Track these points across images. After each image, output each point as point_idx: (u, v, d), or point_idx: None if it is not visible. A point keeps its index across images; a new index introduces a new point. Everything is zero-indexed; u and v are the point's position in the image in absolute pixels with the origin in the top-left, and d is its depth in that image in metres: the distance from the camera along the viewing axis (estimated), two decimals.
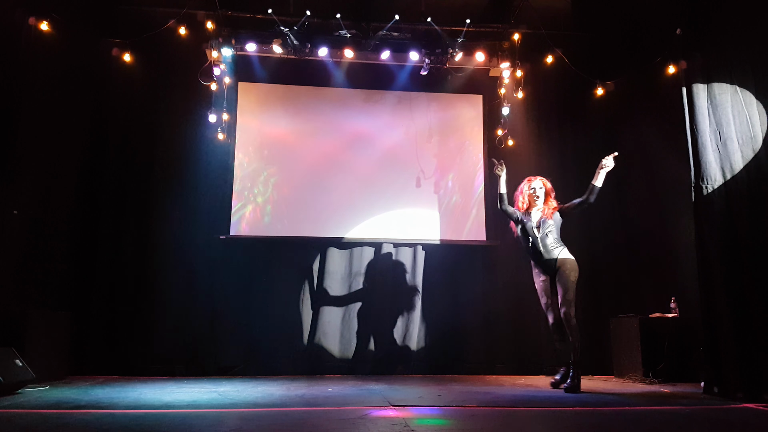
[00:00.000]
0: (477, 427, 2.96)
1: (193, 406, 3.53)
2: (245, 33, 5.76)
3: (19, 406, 3.45)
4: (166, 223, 5.68)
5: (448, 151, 6.31)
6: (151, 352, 5.44)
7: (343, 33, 5.72)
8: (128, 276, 5.56)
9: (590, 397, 4.16)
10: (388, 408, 3.51)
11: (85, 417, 3.14)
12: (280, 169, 6.04)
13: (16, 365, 4.09)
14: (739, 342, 3.99)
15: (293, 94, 6.22)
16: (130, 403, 3.63)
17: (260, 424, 2.95)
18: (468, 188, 6.25)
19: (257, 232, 5.89)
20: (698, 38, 4.56)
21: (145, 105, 5.83)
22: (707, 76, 4.43)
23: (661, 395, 4.20)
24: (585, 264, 6.05)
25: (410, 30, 5.87)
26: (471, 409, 3.54)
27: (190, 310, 5.59)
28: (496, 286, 6.01)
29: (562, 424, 3.04)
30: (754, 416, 3.38)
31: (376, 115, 6.26)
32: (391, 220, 6.06)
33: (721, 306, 4.12)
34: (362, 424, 2.99)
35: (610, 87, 6.21)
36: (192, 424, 2.97)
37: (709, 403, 3.81)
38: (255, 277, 5.78)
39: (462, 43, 5.83)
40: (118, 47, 5.68)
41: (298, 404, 3.68)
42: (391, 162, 6.18)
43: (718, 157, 4.30)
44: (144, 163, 5.76)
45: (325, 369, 5.64)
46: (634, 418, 3.26)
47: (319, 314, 5.79)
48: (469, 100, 6.44)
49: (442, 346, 5.85)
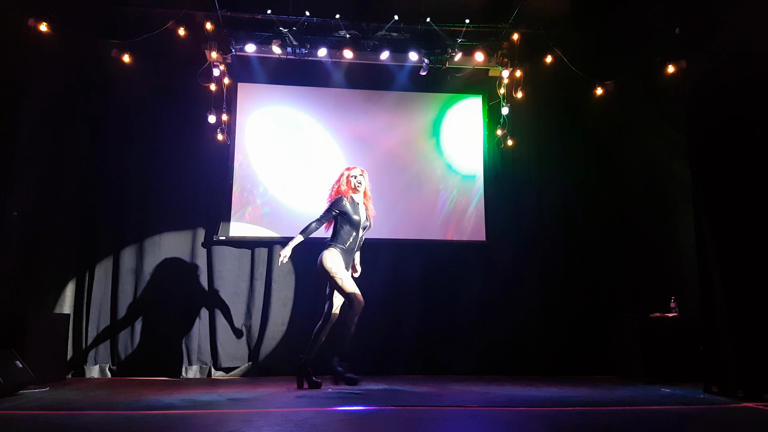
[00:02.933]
0: (477, 426, 2.96)
1: (193, 407, 3.53)
2: (244, 34, 5.75)
3: (19, 408, 3.45)
4: (165, 224, 5.68)
5: (447, 151, 6.30)
6: (151, 353, 5.43)
7: (342, 33, 5.72)
8: (128, 276, 5.56)
9: (590, 396, 4.16)
10: (388, 408, 3.51)
11: (86, 418, 3.14)
12: (280, 170, 6.04)
13: (16, 366, 4.09)
14: (739, 341, 3.99)
15: (292, 94, 6.21)
16: (130, 404, 3.63)
17: (261, 425, 2.94)
18: (468, 188, 6.25)
19: (257, 232, 5.89)
20: (698, 38, 4.56)
21: (145, 106, 5.83)
22: (706, 76, 4.43)
23: (661, 395, 4.20)
24: (585, 264, 6.10)
25: (409, 30, 5.87)
26: (471, 409, 3.55)
27: (191, 310, 5.59)
28: (496, 285, 6.01)
29: (562, 424, 3.04)
30: (754, 415, 3.38)
31: (375, 115, 6.26)
32: (391, 220, 6.05)
33: (720, 306, 4.12)
34: (363, 424, 2.99)
35: (610, 87, 6.21)
36: (192, 425, 2.98)
37: (709, 403, 3.81)
38: (255, 277, 5.77)
39: (461, 43, 5.83)
40: (117, 48, 5.67)
41: (298, 405, 3.68)
42: (390, 162, 6.18)
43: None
44: (143, 163, 5.75)
45: (325, 369, 5.62)
46: (634, 418, 3.26)
47: (318, 314, 5.78)
48: (469, 100, 6.44)
49: (443, 346, 5.85)
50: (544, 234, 6.11)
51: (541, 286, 5.99)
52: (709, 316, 4.25)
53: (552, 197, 6.17)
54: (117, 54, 5.68)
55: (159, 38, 5.65)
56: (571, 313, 5.93)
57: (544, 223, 6.14)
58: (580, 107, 6.32)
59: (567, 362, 5.78)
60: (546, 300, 5.96)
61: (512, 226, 6.13)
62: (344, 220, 4.56)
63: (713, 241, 4.23)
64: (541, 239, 6.10)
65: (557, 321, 5.92)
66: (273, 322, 5.69)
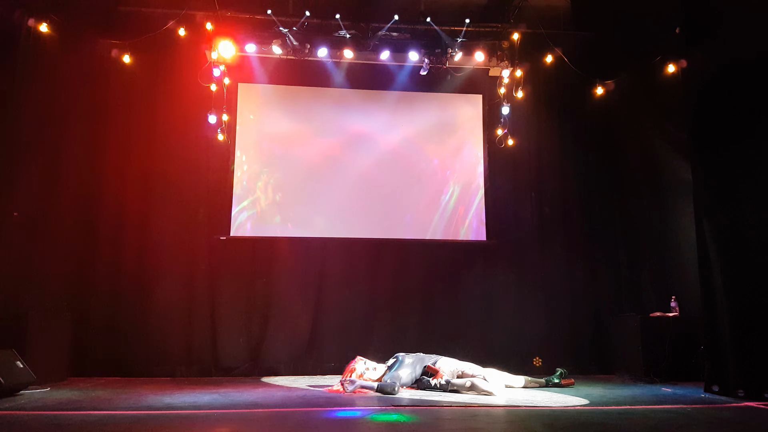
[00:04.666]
0: (478, 426, 2.96)
1: (193, 407, 3.53)
2: (245, 34, 5.75)
3: (20, 408, 3.45)
4: (166, 224, 5.68)
5: (448, 150, 6.30)
6: (151, 353, 5.43)
7: (342, 33, 5.72)
8: (128, 277, 5.55)
9: (591, 395, 4.16)
10: (388, 408, 3.50)
11: (86, 418, 3.14)
12: (280, 170, 6.04)
13: (17, 367, 4.09)
14: (740, 341, 3.99)
15: (293, 94, 6.21)
16: (131, 404, 3.63)
17: (261, 425, 2.95)
18: (468, 188, 6.24)
19: (257, 232, 5.89)
20: (698, 37, 4.56)
21: (145, 106, 5.82)
22: (707, 75, 4.43)
23: (662, 395, 4.20)
24: (585, 264, 6.10)
25: (410, 30, 5.87)
26: (472, 409, 3.55)
27: (191, 310, 5.59)
28: (496, 285, 6.01)
29: (563, 424, 3.04)
30: (755, 414, 3.38)
31: (375, 115, 6.25)
32: (391, 220, 6.05)
33: (721, 305, 4.12)
34: (363, 424, 2.99)
35: (610, 86, 6.22)
36: (193, 424, 2.98)
37: (709, 402, 3.81)
38: (255, 277, 5.77)
39: (461, 42, 5.83)
40: (117, 48, 5.68)
41: (298, 405, 3.68)
42: (391, 162, 6.18)
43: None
44: (144, 164, 5.75)
45: (325, 369, 5.63)
46: (634, 417, 3.26)
47: (319, 314, 5.79)
48: (469, 100, 6.44)
49: (443, 346, 5.83)
50: (544, 234, 6.11)
51: (542, 285, 5.98)
52: (709, 315, 4.24)
53: (552, 197, 6.17)
54: (117, 54, 5.69)
55: (159, 38, 5.65)
56: (571, 313, 5.93)
57: (544, 223, 6.13)
58: (580, 107, 6.32)
59: (567, 362, 5.76)
60: (546, 299, 5.95)
61: (512, 226, 6.12)
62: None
63: (714, 240, 4.22)
64: (541, 239, 6.09)
65: (557, 321, 5.91)
66: (274, 321, 5.69)
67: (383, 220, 6.07)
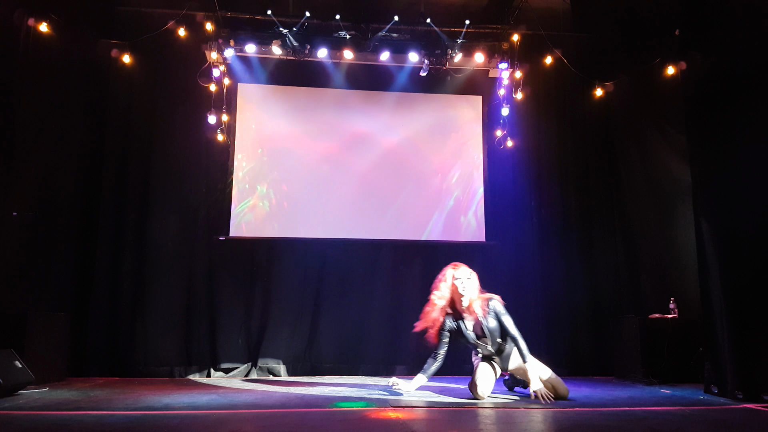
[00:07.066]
0: (478, 426, 2.96)
1: (192, 408, 3.52)
2: (244, 34, 5.75)
3: (18, 408, 3.45)
4: (165, 224, 5.68)
5: (447, 151, 6.30)
6: (150, 353, 5.43)
7: (342, 34, 5.72)
8: (128, 277, 5.55)
9: (590, 397, 4.16)
10: (388, 409, 3.51)
11: (85, 418, 3.14)
12: (280, 171, 6.04)
13: (15, 367, 4.08)
14: (739, 342, 3.99)
15: (293, 95, 6.22)
16: (130, 404, 3.63)
17: (260, 426, 2.95)
18: (468, 188, 6.25)
19: (257, 233, 5.89)
20: (697, 39, 4.56)
21: (145, 106, 5.82)
22: (706, 77, 4.43)
23: (661, 396, 4.20)
24: (585, 264, 6.10)
25: (409, 31, 5.87)
26: (471, 409, 3.55)
27: (190, 310, 5.59)
28: (496, 285, 5.99)
29: (562, 424, 3.04)
30: (754, 416, 3.38)
31: (375, 116, 6.25)
32: (391, 221, 6.06)
33: (720, 306, 4.12)
34: (362, 424, 2.99)
35: (609, 88, 6.22)
36: (192, 425, 2.97)
37: (708, 404, 3.81)
38: (255, 277, 5.77)
39: (461, 43, 5.84)
40: (117, 48, 5.68)
41: (298, 405, 3.68)
42: (390, 163, 6.18)
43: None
44: (143, 164, 5.75)
45: (324, 370, 5.64)
46: (634, 418, 3.26)
47: (318, 315, 5.79)
48: (469, 101, 6.44)
49: None
50: (543, 234, 6.11)
51: (541, 286, 5.99)
52: (708, 316, 4.25)
53: (551, 198, 6.17)
54: (117, 54, 5.69)
55: (159, 38, 5.66)
56: (571, 313, 5.93)
57: (544, 223, 6.14)
58: (580, 107, 6.32)
59: (567, 362, 5.77)
60: (546, 300, 5.96)
61: (512, 226, 6.13)
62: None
63: (713, 242, 4.23)
64: (540, 239, 6.10)
65: (557, 321, 5.91)
66: (273, 322, 5.69)
67: (382, 221, 6.07)
